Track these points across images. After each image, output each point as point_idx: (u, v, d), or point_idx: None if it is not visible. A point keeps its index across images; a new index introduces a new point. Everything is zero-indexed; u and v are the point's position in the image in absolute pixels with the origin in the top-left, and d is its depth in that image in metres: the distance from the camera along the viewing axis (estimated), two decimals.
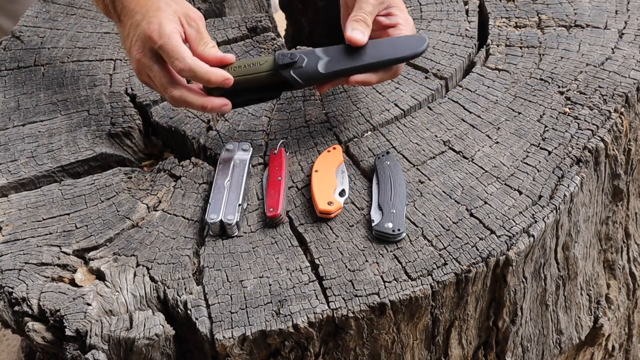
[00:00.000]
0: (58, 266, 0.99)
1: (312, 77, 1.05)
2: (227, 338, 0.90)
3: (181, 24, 1.05)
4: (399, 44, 1.06)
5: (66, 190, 1.10)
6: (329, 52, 1.06)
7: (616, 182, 1.18)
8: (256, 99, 1.11)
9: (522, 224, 0.99)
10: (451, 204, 1.02)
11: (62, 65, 1.32)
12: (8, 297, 0.96)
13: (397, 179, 1.04)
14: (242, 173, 1.07)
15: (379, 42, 1.07)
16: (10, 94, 1.27)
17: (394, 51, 1.05)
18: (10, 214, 1.07)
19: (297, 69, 1.04)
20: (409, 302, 0.93)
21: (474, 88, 1.20)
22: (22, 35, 1.39)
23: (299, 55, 1.05)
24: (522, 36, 1.29)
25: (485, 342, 1.07)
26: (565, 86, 1.19)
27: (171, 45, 1.01)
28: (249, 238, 1.01)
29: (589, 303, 1.23)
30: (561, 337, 1.17)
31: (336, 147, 1.11)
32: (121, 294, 0.95)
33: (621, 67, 1.21)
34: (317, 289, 0.94)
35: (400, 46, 1.05)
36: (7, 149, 1.17)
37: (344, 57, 1.05)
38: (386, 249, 0.98)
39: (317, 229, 1.01)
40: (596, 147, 1.09)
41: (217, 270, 0.97)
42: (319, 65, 1.05)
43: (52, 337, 0.95)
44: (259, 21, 1.38)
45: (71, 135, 1.18)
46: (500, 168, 1.07)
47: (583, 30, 1.29)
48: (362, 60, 1.05)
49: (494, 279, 0.99)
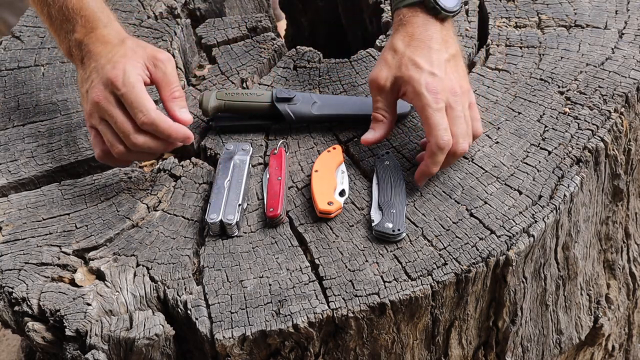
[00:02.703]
0: (58, 266, 0.99)
1: (304, 115, 1.14)
2: (227, 338, 0.90)
3: (147, 67, 1.04)
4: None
5: (66, 190, 1.10)
6: (323, 99, 1.16)
7: (616, 182, 1.18)
8: (245, 126, 1.17)
9: (522, 224, 0.99)
10: (451, 204, 1.02)
11: (62, 65, 1.32)
12: (8, 297, 0.96)
13: (397, 179, 1.04)
14: (242, 173, 1.07)
15: (368, 100, 1.12)
16: (10, 94, 1.27)
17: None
18: (10, 214, 1.07)
19: (292, 105, 1.14)
20: (409, 302, 0.93)
21: (473, 88, 1.20)
22: (22, 35, 1.39)
23: (295, 94, 1.15)
24: (522, 36, 1.29)
25: (485, 342, 1.06)
26: (565, 86, 1.19)
27: (134, 94, 1.00)
28: (249, 238, 1.01)
29: (589, 303, 1.23)
30: (561, 337, 1.17)
31: (336, 147, 1.11)
32: (121, 294, 0.95)
33: (621, 67, 1.21)
34: (317, 289, 0.94)
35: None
36: (7, 149, 1.17)
37: (335, 105, 1.16)
38: (386, 249, 0.98)
39: (317, 229, 1.01)
40: (596, 147, 1.09)
41: (217, 270, 0.97)
42: (313, 107, 1.15)
43: (52, 337, 0.95)
44: (259, 21, 1.38)
45: (71, 135, 1.18)
46: (500, 168, 1.07)
47: (583, 30, 1.29)
48: (349, 111, 1.16)
49: (494, 279, 0.99)
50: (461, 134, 1.00)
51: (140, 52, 1.04)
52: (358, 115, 1.16)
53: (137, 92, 1.00)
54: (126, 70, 1.01)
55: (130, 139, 1.01)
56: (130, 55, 1.03)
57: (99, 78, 1.02)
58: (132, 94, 1.00)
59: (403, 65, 1.02)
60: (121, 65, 1.01)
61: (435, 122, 0.98)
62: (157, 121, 1.00)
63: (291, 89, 1.23)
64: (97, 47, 1.04)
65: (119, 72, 1.00)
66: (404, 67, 1.02)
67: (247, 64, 1.29)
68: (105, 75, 1.01)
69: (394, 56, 1.04)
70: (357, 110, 1.16)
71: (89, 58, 1.04)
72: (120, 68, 1.01)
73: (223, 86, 1.25)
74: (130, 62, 1.02)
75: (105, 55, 1.03)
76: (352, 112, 1.16)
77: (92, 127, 1.05)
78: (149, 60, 1.04)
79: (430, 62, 1.01)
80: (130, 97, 1.00)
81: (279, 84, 1.25)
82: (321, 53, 1.32)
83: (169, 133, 1.01)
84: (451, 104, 1.00)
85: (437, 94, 0.99)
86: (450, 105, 1.00)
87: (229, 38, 1.36)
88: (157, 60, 1.05)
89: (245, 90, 1.19)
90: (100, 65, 1.02)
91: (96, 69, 1.03)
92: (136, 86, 1.00)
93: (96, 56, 1.04)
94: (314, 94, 1.19)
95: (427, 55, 1.02)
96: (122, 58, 1.02)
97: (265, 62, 1.30)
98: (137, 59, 1.03)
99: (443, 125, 0.99)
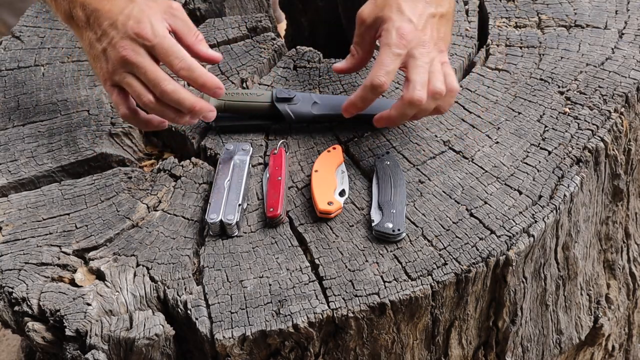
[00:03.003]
0: (58, 266, 0.99)
1: (304, 115, 1.14)
2: (227, 338, 0.90)
3: (165, 19, 1.04)
4: (384, 105, 1.13)
5: (66, 190, 1.10)
6: (322, 99, 1.16)
7: (616, 182, 1.18)
8: (245, 126, 1.17)
9: (522, 224, 0.99)
10: (451, 204, 1.03)
11: (62, 65, 1.32)
12: (8, 297, 0.97)
13: (397, 179, 1.04)
14: (242, 173, 1.07)
15: None
16: (10, 94, 1.27)
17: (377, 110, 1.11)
18: (10, 214, 1.07)
19: (292, 105, 1.14)
20: (409, 302, 0.93)
21: (474, 88, 1.20)
22: (22, 35, 1.39)
23: (295, 94, 1.14)
24: (522, 36, 1.29)
25: (485, 342, 1.07)
26: (565, 86, 1.19)
27: (167, 43, 1.01)
28: (249, 238, 1.01)
29: (589, 303, 1.23)
30: (561, 337, 1.17)
31: (336, 147, 1.11)
32: (121, 294, 0.95)
33: (621, 67, 1.21)
34: (317, 289, 0.94)
35: (384, 107, 1.12)
36: (7, 149, 1.17)
37: (335, 105, 1.14)
38: (386, 249, 0.98)
39: (317, 229, 1.01)
40: (596, 147, 1.09)
41: (217, 270, 0.97)
42: (313, 107, 1.14)
43: (52, 337, 0.95)
44: (259, 21, 1.38)
45: (71, 135, 1.18)
46: (500, 168, 1.07)
47: (583, 30, 1.29)
48: None
49: (494, 279, 0.99)
50: (419, 81, 1.00)
51: (155, 6, 1.04)
52: (358, 115, 1.16)
53: (169, 41, 1.01)
54: (152, 22, 1.01)
55: (161, 86, 1.00)
56: (148, 10, 1.03)
57: (121, 34, 1.01)
58: (164, 43, 1.00)
59: (387, 7, 1.04)
60: (145, 18, 1.01)
61: (383, 62, 1.01)
62: (193, 66, 1.01)
63: (291, 89, 1.23)
64: (104, 5, 1.03)
65: (146, 25, 1.00)
66: (387, 9, 1.04)
67: (247, 64, 1.29)
68: (131, 30, 1.00)
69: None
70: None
71: (98, 17, 1.03)
72: (146, 21, 1.01)
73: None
74: (153, 14, 1.02)
75: (119, 12, 1.02)
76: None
77: (114, 86, 1.04)
78: (165, 12, 1.05)
79: (413, 11, 1.03)
80: (163, 46, 1.00)
81: (279, 84, 1.25)
82: (321, 53, 1.32)
83: (204, 80, 1.02)
84: (415, 54, 1.01)
85: (402, 39, 1.01)
86: (413, 55, 1.01)
87: (229, 38, 1.35)
88: (173, 9, 1.05)
89: (245, 90, 1.19)
90: (119, 22, 1.01)
91: (114, 26, 1.02)
92: (167, 36, 1.01)
93: (107, 14, 1.03)
94: (314, 94, 1.19)
95: (413, 4, 1.04)
96: (142, 13, 1.02)
97: (265, 62, 1.30)
98: (157, 12, 1.03)
99: (388, 67, 1.00)
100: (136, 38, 1.01)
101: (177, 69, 1.00)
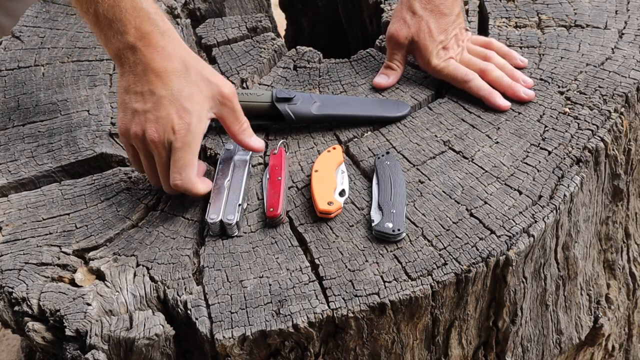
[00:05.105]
0: (58, 266, 0.99)
1: (304, 115, 1.15)
2: (227, 338, 0.90)
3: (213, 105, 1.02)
4: (384, 105, 1.18)
5: (66, 190, 1.10)
6: (322, 99, 1.17)
7: (616, 182, 1.18)
8: None
9: (522, 224, 0.99)
10: (451, 204, 1.03)
11: (62, 65, 1.32)
12: (8, 297, 0.97)
13: (397, 179, 1.04)
14: (242, 173, 1.07)
15: (367, 100, 1.20)
16: (10, 94, 1.27)
17: (377, 110, 1.17)
18: (10, 214, 1.07)
19: (292, 105, 1.14)
20: (409, 302, 0.93)
21: None
22: (22, 35, 1.39)
23: (295, 94, 1.15)
24: (522, 36, 1.29)
25: (485, 342, 1.07)
26: (565, 86, 1.19)
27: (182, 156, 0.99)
28: (249, 238, 1.01)
29: (589, 303, 1.23)
30: (561, 337, 1.17)
31: (336, 147, 1.11)
32: (121, 294, 0.95)
33: (621, 67, 1.21)
34: (317, 289, 0.94)
35: (384, 107, 1.18)
36: (7, 149, 1.17)
37: (335, 105, 1.17)
38: (386, 249, 0.98)
39: (317, 229, 1.01)
40: (596, 147, 1.09)
41: (217, 270, 0.97)
42: (312, 107, 1.15)
43: (52, 337, 0.95)
44: (259, 21, 1.38)
45: (71, 135, 1.18)
46: (500, 168, 1.07)
47: (583, 30, 1.29)
48: (349, 111, 1.17)
49: (494, 279, 0.99)
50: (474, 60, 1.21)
51: (206, 91, 1.01)
52: (358, 115, 1.16)
53: (186, 155, 0.99)
54: (191, 125, 0.99)
55: (166, 184, 1.02)
56: (196, 98, 1.00)
57: (159, 114, 0.98)
58: (181, 153, 0.99)
59: (421, 32, 1.18)
60: (188, 115, 0.99)
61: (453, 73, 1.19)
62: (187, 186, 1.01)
63: (291, 89, 1.23)
64: (155, 60, 0.99)
65: (183, 126, 0.98)
66: (422, 33, 1.18)
67: (247, 64, 1.29)
68: (170, 121, 0.98)
69: (412, 17, 1.19)
70: (357, 110, 1.17)
71: (145, 69, 0.99)
72: (186, 120, 0.98)
73: None
74: (197, 112, 1.00)
75: (168, 81, 0.99)
76: (352, 112, 1.16)
77: (131, 145, 1.03)
78: (214, 99, 1.02)
79: (439, 30, 1.19)
80: (177, 156, 0.99)
81: (279, 84, 1.25)
82: (321, 53, 1.32)
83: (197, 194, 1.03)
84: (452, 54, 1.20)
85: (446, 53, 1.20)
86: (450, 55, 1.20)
87: (229, 38, 1.36)
88: (224, 97, 1.03)
89: (245, 90, 1.19)
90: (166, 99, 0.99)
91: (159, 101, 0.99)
92: (192, 146, 1.00)
93: (155, 72, 0.99)
94: (314, 94, 1.19)
95: (438, 24, 1.19)
96: (190, 98, 0.99)
97: (265, 62, 1.30)
98: (205, 101, 1.01)
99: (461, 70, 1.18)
100: (169, 130, 0.98)
101: (172, 184, 1.00)
